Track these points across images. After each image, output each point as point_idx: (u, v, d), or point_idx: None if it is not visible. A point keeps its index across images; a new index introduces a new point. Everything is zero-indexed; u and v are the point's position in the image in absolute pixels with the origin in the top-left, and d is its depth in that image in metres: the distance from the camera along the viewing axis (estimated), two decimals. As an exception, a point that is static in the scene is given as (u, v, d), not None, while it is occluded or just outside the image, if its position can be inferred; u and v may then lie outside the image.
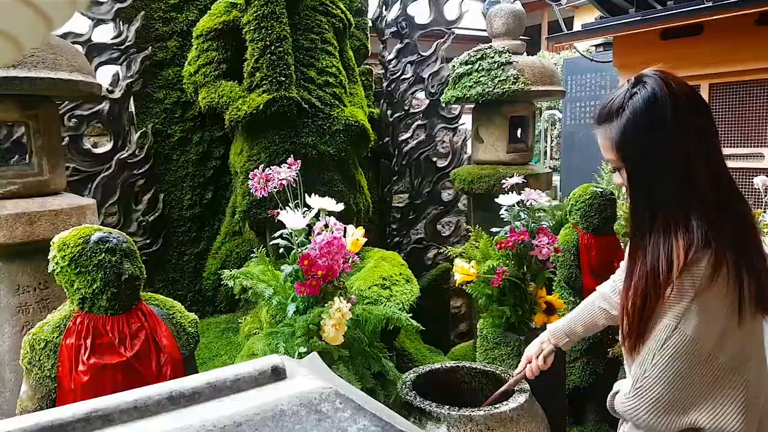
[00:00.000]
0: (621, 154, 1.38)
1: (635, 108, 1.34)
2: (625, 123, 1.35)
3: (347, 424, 0.79)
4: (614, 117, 1.38)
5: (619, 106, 1.37)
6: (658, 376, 1.33)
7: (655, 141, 1.33)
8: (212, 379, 0.78)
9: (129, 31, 3.53)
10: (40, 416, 0.67)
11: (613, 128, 1.38)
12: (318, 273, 1.83)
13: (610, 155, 1.43)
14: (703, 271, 1.28)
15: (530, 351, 2.03)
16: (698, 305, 1.29)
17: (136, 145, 3.56)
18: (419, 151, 4.59)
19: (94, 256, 1.73)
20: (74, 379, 1.71)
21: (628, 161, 1.39)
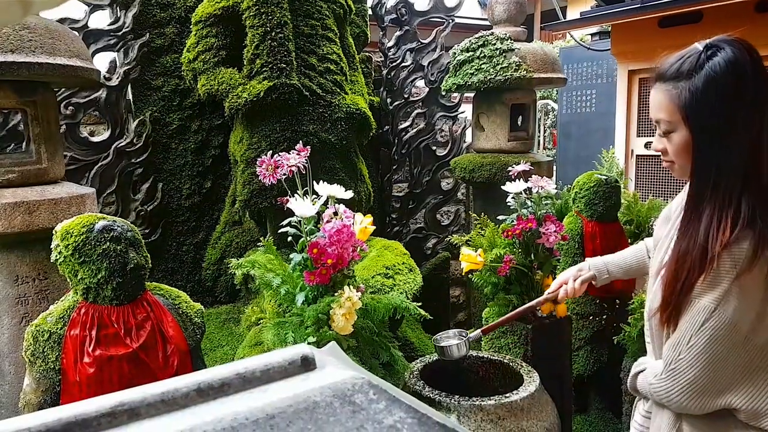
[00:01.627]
0: (690, 117, 1.29)
1: (716, 70, 1.24)
2: (703, 84, 1.25)
3: (382, 415, 0.75)
4: (686, 76, 1.28)
5: (694, 66, 1.27)
6: (694, 358, 1.30)
7: (735, 108, 1.25)
8: (241, 369, 0.74)
9: (126, 17, 3.46)
10: (62, 411, 0.63)
11: (684, 88, 1.28)
12: (328, 262, 1.79)
13: (668, 116, 1.33)
14: (744, 252, 1.24)
15: (566, 274, 1.98)
16: (738, 287, 1.25)
17: (134, 134, 3.50)
18: (419, 139, 4.55)
19: (99, 245, 1.68)
20: (79, 371, 1.67)
21: (699, 126, 1.29)
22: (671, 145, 1.36)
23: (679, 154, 1.36)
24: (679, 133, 1.33)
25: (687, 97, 1.27)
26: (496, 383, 2.37)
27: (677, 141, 1.34)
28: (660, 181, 5.50)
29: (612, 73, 6.84)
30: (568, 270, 1.98)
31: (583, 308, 3.18)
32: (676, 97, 1.30)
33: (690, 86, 1.27)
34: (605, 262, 1.93)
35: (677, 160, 1.37)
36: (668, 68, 1.32)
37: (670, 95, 1.31)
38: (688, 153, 1.33)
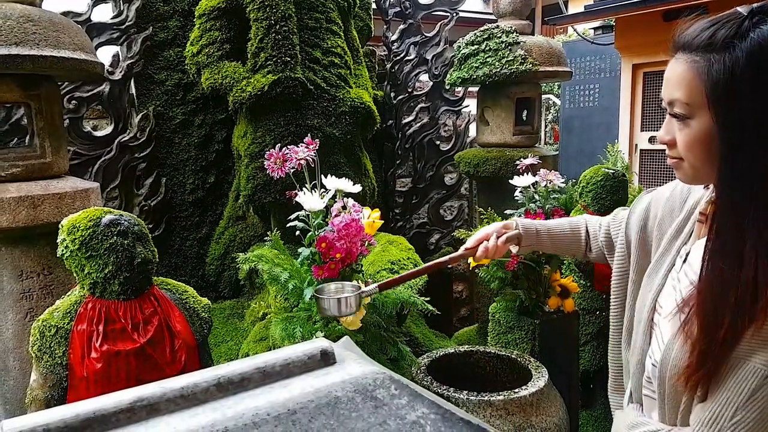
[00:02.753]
0: (719, 101, 0.96)
1: (766, 39, 0.91)
2: (746, 59, 0.92)
3: (405, 411, 0.74)
4: (722, 46, 0.94)
5: (734, 34, 0.94)
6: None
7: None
8: (261, 364, 0.72)
9: (129, 11, 3.44)
10: (80, 406, 0.62)
11: (717, 61, 0.94)
12: (336, 256, 1.77)
13: (687, 96, 1.00)
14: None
15: (489, 229, 1.61)
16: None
17: (137, 128, 3.49)
18: (422, 134, 4.53)
19: (106, 240, 1.67)
20: (86, 366, 1.65)
21: (731, 115, 0.95)
22: (684, 136, 1.02)
23: (692, 148, 1.02)
24: (699, 121, 0.99)
25: (720, 74, 0.94)
26: (504, 379, 2.35)
27: (695, 131, 1.00)
28: (664, 176, 5.48)
29: (615, 68, 6.81)
30: (493, 225, 1.64)
31: (590, 303, 3.16)
32: (704, 72, 0.96)
33: (726, 59, 0.93)
34: (537, 227, 1.62)
35: (689, 156, 1.04)
36: (697, 34, 0.98)
37: (696, 68, 0.97)
38: (704, 150, 1.01)
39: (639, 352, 1.21)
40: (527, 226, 1.61)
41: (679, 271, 1.14)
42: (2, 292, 2.50)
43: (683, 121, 1.02)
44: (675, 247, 1.20)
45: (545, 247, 1.65)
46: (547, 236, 1.61)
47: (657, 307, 1.19)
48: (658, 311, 1.18)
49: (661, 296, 1.18)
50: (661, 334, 1.12)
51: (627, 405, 1.32)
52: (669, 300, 1.14)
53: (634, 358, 1.23)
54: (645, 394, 1.20)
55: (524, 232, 1.60)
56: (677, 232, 1.21)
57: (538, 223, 1.63)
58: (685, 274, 1.12)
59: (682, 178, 1.11)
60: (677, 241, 1.20)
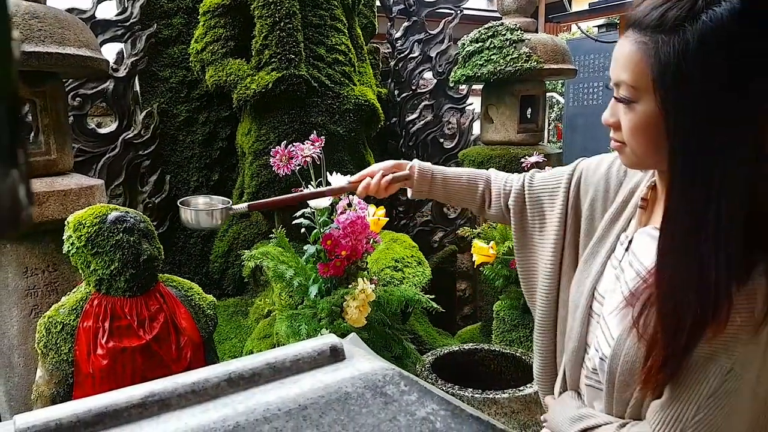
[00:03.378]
0: (665, 86, 0.89)
1: (719, 23, 0.84)
2: (696, 42, 0.85)
3: (415, 407, 0.74)
4: (671, 28, 0.87)
5: (683, 16, 0.86)
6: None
7: (740, 83, 0.85)
8: (271, 359, 0.72)
9: (134, 8, 3.44)
10: (92, 401, 0.62)
11: (665, 43, 0.87)
12: (342, 253, 1.77)
13: (633, 79, 0.93)
14: (763, 289, 0.88)
15: (379, 165, 1.50)
16: (757, 339, 0.89)
17: (141, 125, 3.48)
18: (426, 132, 4.53)
19: (112, 236, 1.67)
20: (92, 363, 1.65)
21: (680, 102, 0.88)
22: (628, 121, 0.96)
23: (636, 134, 0.96)
24: (644, 105, 0.93)
25: (668, 57, 0.87)
26: (509, 377, 2.35)
27: (639, 116, 0.94)
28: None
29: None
30: (386, 162, 1.51)
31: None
32: (652, 55, 0.89)
33: (675, 42, 0.87)
34: (434, 172, 1.46)
35: (632, 142, 0.97)
36: (647, 12, 0.91)
37: (645, 50, 0.91)
38: (648, 136, 0.95)
39: (576, 339, 1.16)
40: (423, 169, 1.46)
41: (622, 260, 1.10)
42: (7, 288, 2.50)
43: (628, 105, 0.96)
44: (614, 232, 1.15)
45: (439, 196, 1.50)
46: (441, 184, 1.46)
47: (596, 296, 1.14)
48: (598, 300, 1.13)
49: (600, 284, 1.13)
50: (608, 328, 1.06)
51: (559, 391, 1.27)
52: (612, 290, 1.10)
53: (570, 344, 1.18)
54: (587, 384, 1.14)
55: (418, 176, 1.46)
56: (615, 217, 1.16)
57: (437, 169, 1.47)
58: (629, 264, 1.07)
59: (626, 162, 1.05)
60: (615, 227, 1.15)
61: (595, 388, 1.12)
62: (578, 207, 1.26)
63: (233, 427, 0.61)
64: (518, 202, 1.37)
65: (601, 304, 1.11)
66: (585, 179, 1.25)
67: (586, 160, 1.29)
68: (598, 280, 1.14)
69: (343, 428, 0.67)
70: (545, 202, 1.33)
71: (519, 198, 1.37)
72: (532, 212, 1.35)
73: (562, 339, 1.28)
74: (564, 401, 1.20)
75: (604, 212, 1.18)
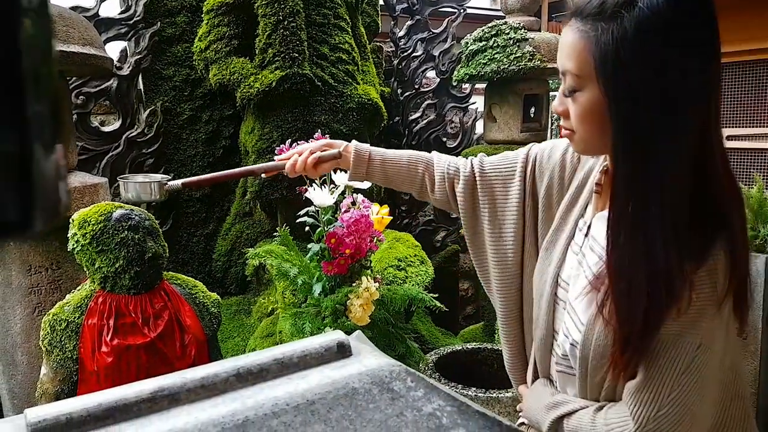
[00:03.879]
0: (606, 75, 0.90)
1: (654, 10, 0.86)
2: (633, 30, 0.86)
3: (422, 403, 0.74)
4: (610, 16, 0.89)
5: (621, 3, 0.88)
6: (679, 411, 0.95)
7: (679, 68, 0.87)
8: (279, 355, 0.73)
9: (137, 6, 3.45)
10: (102, 396, 0.62)
11: (605, 31, 0.89)
12: (346, 252, 1.77)
13: (577, 68, 0.94)
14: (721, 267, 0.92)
15: (311, 144, 1.45)
16: (721, 314, 0.93)
17: (144, 124, 3.49)
18: (429, 131, 4.53)
19: (117, 234, 1.67)
20: (97, 361, 1.66)
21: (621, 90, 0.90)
22: (575, 109, 0.97)
23: (583, 121, 0.97)
24: (589, 93, 0.94)
25: (608, 45, 0.89)
26: (512, 375, 2.35)
27: (585, 104, 0.95)
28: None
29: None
30: (320, 141, 1.46)
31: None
32: (593, 43, 0.91)
33: (614, 30, 0.88)
34: (372, 154, 1.39)
35: (580, 129, 0.99)
36: (588, 0, 0.93)
37: (586, 38, 0.92)
38: (595, 122, 0.96)
39: (543, 327, 1.16)
40: (360, 150, 1.39)
41: (583, 245, 1.10)
42: (11, 286, 2.51)
43: (574, 93, 0.97)
44: (571, 219, 1.15)
45: (378, 179, 1.43)
46: (380, 166, 1.40)
47: (560, 282, 1.14)
48: (563, 286, 1.13)
49: (563, 271, 1.14)
50: (576, 314, 1.06)
51: (531, 379, 1.26)
52: (576, 276, 1.10)
53: (538, 332, 1.18)
54: (558, 370, 1.14)
55: (354, 157, 1.39)
56: (571, 203, 1.16)
57: (376, 150, 1.40)
58: (590, 249, 1.08)
59: (576, 149, 1.07)
60: (573, 213, 1.15)
61: (567, 374, 1.12)
62: (535, 194, 1.24)
63: (242, 421, 0.61)
64: (468, 189, 1.32)
65: (566, 290, 1.12)
66: (539, 166, 1.24)
67: (537, 146, 1.27)
68: (561, 267, 1.14)
69: (351, 423, 0.67)
70: (498, 189, 1.29)
71: (469, 185, 1.32)
72: (484, 200, 1.30)
73: (529, 327, 1.26)
74: (537, 390, 1.20)
75: (561, 199, 1.19)
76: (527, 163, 1.25)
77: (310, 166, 1.41)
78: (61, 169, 0.29)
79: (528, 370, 1.28)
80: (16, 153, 0.25)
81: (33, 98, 0.26)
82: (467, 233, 1.35)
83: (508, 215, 1.27)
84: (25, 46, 0.25)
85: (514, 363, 1.33)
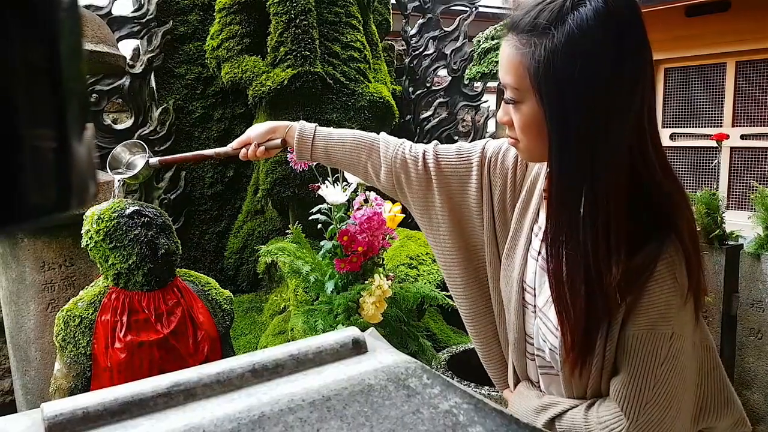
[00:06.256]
0: (542, 88, 0.93)
1: (582, 26, 0.89)
2: (564, 45, 0.89)
3: (438, 400, 0.73)
4: (543, 29, 0.91)
5: (554, 18, 0.91)
6: (667, 399, 0.98)
7: (609, 79, 0.90)
8: (294, 351, 0.72)
9: (150, 4, 3.46)
10: (118, 390, 0.62)
11: (538, 46, 0.91)
12: (358, 249, 1.77)
13: (515, 81, 0.96)
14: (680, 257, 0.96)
15: (258, 129, 1.44)
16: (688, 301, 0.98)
17: (157, 122, 3.50)
18: (441, 129, 4.52)
19: (130, 231, 1.67)
20: (110, 357, 1.66)
21: (557, 102, 0.93)
22: (517, 120, 1.00)
23: (525, 131, 1.00)
24: (528, 104, 0.97)
25: (540, 61, 0.92)
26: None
27: (525, 115, 0.98)
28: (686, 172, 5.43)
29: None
30: (264, 124, 1.45)
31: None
32: (527, 57, 0.93)
33: (546, 44, 0.91)
34: (315, 138, 1.37)
35: (523, 138, 1.01)
36: (522, 16, 0.95)
37: (521, 53, 0.94)
38: (536, 132, 0.98)
39: (515, 330, 1.16)
40: (304, 135, 1.37)
41: (542, 250, 1.10)
42: (24, 283, 2.52)
43: (515, 105, 1.00)
44: (526, 224, 1.16)
45: (325, 163, 1.42)
46: (323, 151, 1.37)
47: (526, 287, 1.14)
48: (528, 291, 1.14)
49: (526, 276, 1.14)
50: (549, 319, 1.08)
51: (513, 382, 1.25)
52: (541, 282, 1.11)
53: (511, 335, 1.18)
54: (542, 372, 1.16)
55: (297, 141, 1.37)
56: (524, 209, 1.17)
57: (321, 134, 1.37)
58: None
59: (522, 157, 1.11)
60: (526, 219, 1.16)
61: (550, 375, 1.14)
62: (491, 196, 1.23)
63: (258, 416, 0.61)
64: (422, 187, 1.28)
65: (532, 294, 1.13)
66: (493, 171, 1.23)
67: (492, 144, 1.25)
68: (524, 273, 1.15)
69: (367, 420, 0.67)
70: (455, 186, 1.26)
71: (422, 182, 1.28)
72: (441, 197, 1.26)
73: (503, 329, 1.25)
74: (522, 393, 1.20)
75: (514, 204, 1.19)
76: (483, 162, 1.23)
77: (261, 155, 1.45)
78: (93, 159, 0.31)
79: (509, 372, 1.27)
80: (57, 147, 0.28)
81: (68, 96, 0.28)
82: (421, 221, 1.31)
83: (465, 212, 1.26)
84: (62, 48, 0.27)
85: (490, 363, 1.33)
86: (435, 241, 1.29)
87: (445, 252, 1.28)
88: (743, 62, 5.15)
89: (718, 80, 5.33)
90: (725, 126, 5.22)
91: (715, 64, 5.31)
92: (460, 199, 1.25)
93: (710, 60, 5.31)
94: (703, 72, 5.40)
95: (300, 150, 1.38)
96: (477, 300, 1.28)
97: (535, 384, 1.19)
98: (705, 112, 5.41)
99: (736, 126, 5.21)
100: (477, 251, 1.26)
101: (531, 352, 1.16)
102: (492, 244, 1.23)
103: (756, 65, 5.10)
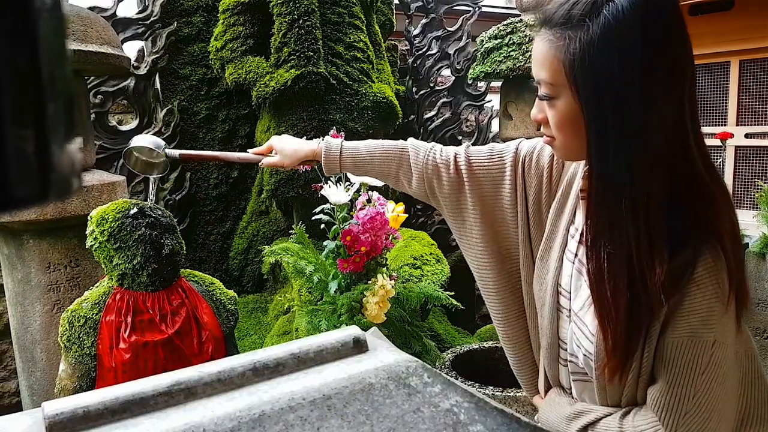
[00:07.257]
0: (578, 81, 0.91)
1: (619, 17, 0.87)
2: (600, 36, 0.87)
3: (439, 399, 0.74)
4: (577, 23, 0.90)
5: (588, 10, 0.89)
6: (707, 410, 0.95)
7: (646, 72, 0.88)
8: (295, 350, 0.73)
9: (154, 6, 3.47)
10: (119, 389, 0.62)
11: (573, 39, 0.90)
12: (361, 249, 1.77)
13: (550, 77, 0.95)
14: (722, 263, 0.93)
15: (285, 144, 1.45)
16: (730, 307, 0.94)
17: (162, 123, 3.51)
18: (444, 129, 4.52)
19: (134, 231, 1.68)
20: (115, 357, 1.67)
21: (594, 95, 0.91)
22: (552, 116, 0.98)
23: (561, 128, 0.98)
24: (564, 100, 0.95)
25: (576, 54, 0.89)
26: (528, 373, 2.34)
27: (561, 111, 0.96)
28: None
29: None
30: (292, 142, 1.46)
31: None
32: (562, 51, 0.92)
33: (582, 37, 0.89)
34: (342, 155, 1.37)
35: (559, 136, 0.99)
36: (555, 10, 0.93)
37: (556, 47, 0.92)
38: (573, 128, 0.96)
39: (548, 336, 1.14)
40: (330, 152, 1.38)
41: (578, 253, 1.09)
42: (30, 283, 2.53)
43: (550, 101, 0.98)
44: (562, 226, 1.13)
45: (355, 174, 1.45)
46: (352, 166, 1.38)
47: (560, 290, 1.12)
48: (563, 294, 1.12)
49: (561, 279, 1.12)
50: (585, 324, 1.05)
51: (544, 389, 1.23)
52: (578, 287, 1.08)
53: (544, 341, 1.17)
54: (575, 378, 1.13)
55: (325, 160, 1.38)
56: (560, 210, 1.15)
57: (347, 149, 1.37)
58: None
59: (559, 155, 1.09)
60: (562, 220, 1.14)
61: (583, 381, 1.11)
62: (526, 197, 1.21)
63: (259, 415, 0.61)
64: (453, 191, 1.27)
65: (566, 298, 1.11)
66: (527, 171, 1.21)
67: (526, 144, 1.23)
68: (559, 275, 1.12)
69: (367, 418, 0.67)
70: (487, 189, 1.24)
71: (454, 186, 1.26)
72: (474, 200, 1.25)
73: (535, 334, 1.24)
74: (553, 400, 1.18)
75: (549, 204, 1.17)
76: (516, 162, 1.21)
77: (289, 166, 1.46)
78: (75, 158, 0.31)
79: (539, 378, 1.27)
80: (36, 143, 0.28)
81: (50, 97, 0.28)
82: (454, 225, 1.29)
83: (499, 214, 1.24)
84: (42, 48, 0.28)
85: (520, 369, 1.32)
86: (468, 245, 1.28)
87: (477, 256, 1.26)
88: (747, 61, 5.13)
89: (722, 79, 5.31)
90: (729, 125, 5.20)
91: (719, 63, 5.30)
92: (493, 201, 1.23)
93: (714, 59, 5.29)
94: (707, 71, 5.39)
95: (328, 168, 1.39)
96: (509, 305, 1.26)
97: (567, 390, 1.17)
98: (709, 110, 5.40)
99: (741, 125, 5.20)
100: (510, 255, 1.24)
101: (564, 358, 1.14)
102: (526, 246, 1.21)
103: (760, 64, 5.08)
